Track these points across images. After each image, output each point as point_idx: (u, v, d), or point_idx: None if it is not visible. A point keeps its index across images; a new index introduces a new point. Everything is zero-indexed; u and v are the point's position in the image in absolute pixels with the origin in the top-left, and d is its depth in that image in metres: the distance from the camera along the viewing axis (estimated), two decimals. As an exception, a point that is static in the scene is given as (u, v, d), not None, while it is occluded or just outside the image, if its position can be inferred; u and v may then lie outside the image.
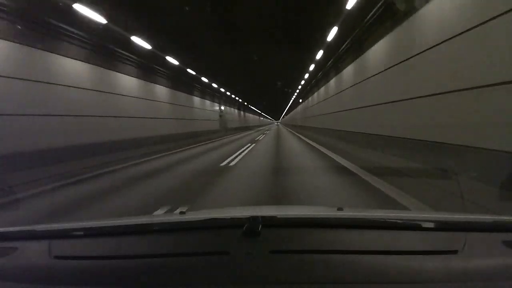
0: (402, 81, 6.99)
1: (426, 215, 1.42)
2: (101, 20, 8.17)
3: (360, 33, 9.63)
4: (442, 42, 5.21)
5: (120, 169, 7.77)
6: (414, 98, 6.31)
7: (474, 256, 0.96)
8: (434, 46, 5.48)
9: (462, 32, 4.63)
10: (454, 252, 0.95)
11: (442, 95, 5.26)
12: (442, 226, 1.13)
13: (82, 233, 1.25)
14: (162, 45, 11.90)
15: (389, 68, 7.74)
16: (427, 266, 0.90)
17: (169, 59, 13.81)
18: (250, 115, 61.50)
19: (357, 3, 7.50)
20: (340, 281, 0.85)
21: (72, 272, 0.99)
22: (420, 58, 6.09)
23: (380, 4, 7.51)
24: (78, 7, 7.29)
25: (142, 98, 14.35)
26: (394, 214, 1.33)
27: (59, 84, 8.84)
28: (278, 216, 1.19)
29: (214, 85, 24.07)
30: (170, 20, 9.89)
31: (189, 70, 17.35)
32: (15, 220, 3.47)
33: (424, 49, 5.86)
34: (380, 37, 8.26)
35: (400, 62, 7.03)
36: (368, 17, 8.32)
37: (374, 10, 7.90)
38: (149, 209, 3.75)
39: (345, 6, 7.58)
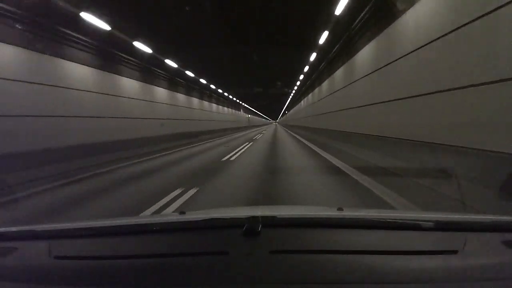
0: (389, 81, 7.23)
1: (426, 215, 1.43)
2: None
3: (349, 38, 10.50)
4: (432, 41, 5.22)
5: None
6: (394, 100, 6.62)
7: (474, 256, 0.96)
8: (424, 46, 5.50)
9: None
10: (454, 252, 0.96)
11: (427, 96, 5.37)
12: (442, 226, 1.13)
13: (82, 233, 1.24)
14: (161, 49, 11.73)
15: (379, 68, 7.95)
16: (427, 266, 0.90)
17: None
18: (248, 115, 61.49)
19: (344, 12, 8.38)
20: (340, 281, 0.85)
21: (72, 272, 0.99)
22: (402, 61, 6.29)
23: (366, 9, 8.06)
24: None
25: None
26: (394, 214, 1.33)
27: None
28: (278, 216, 1.19)
29: (203, 81, 22.05)
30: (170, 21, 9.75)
31: (187, 72, 17.24)
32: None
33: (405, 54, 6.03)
34: (368, 41, 8.69)
35: (387, 64, 7.24)
36: (354, 24, 9.17)
37: (359, 18, 8.65)
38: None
39: (334, 13, 8.60)
